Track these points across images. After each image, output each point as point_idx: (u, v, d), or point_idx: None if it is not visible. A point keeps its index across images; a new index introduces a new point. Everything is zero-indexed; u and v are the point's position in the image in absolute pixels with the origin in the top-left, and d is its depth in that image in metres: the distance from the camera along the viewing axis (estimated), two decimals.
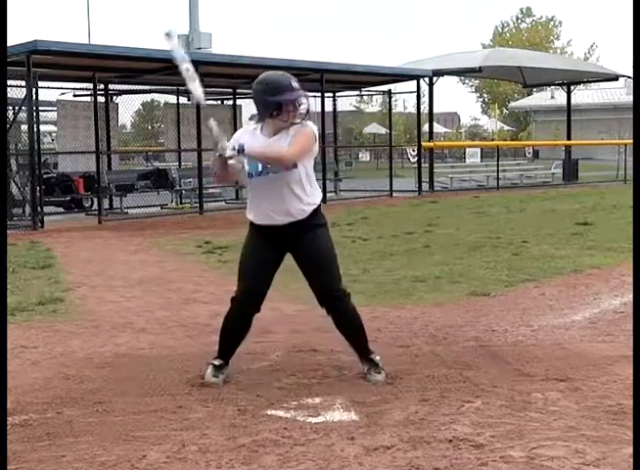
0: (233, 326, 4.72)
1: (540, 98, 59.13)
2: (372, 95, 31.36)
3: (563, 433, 3.75)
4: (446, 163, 38.79)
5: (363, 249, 10.64)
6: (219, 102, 22.65)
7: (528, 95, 61.63)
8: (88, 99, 18.46)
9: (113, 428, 3.93)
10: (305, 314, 6.42)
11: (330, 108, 22.16)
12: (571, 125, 29.62)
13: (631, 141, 24.03)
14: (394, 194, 21.66)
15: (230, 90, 21.32)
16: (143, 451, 3.61)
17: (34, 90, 14.33)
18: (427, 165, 23.68)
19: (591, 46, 72.03)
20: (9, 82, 13.83)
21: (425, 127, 27.83)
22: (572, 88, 30.06)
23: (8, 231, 11.46)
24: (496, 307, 6.79)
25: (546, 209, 16.81)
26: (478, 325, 6.11)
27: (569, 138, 29.84)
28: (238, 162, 4.39)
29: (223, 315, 4.80)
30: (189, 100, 20.86)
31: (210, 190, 19.21)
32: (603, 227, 12.59)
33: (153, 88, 20.24)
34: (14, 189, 15.27)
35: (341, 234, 12.13)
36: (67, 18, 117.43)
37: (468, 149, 35.61)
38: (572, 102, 30.39)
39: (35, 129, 14.59)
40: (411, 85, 23.44)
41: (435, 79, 24.06)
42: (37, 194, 14.50)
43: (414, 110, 28.20)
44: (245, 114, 20.78)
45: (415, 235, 12.12)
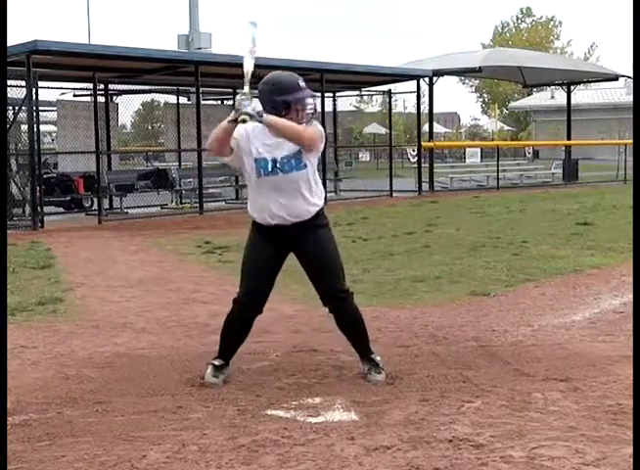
0: (234, 327, 4.71)
1: (540, 98, 59.12)
2: (372, 95, 31.35)
3: (563, 433, 3.75)
4: (446, 163, 38.78)
5: (363, 249, 10.64)
6: (219, 102, 22.65)
7: (528, 95, 61.62)
8: (88, 99, 18.45)
9: (113, 428, 3.93)
10: (305, 314, 6.43)
11: (330, 108, 22.14)
12: (570, 125, 29.61)
13: (631, 141, 24.03)
14: (394, 194, 21.66)
15: (230, 90, 21.31)
16: (143, 451, 3.61)
17: (34, 90, 14.33)
18: (427, 165, 23.68)
19: (591, 46, 72.17)
20: (9, 82, 13.83)
21: (425, 127, 27.83)
22: (572, 88, 30.06)
23: (8, 231, 11.46)
24: (496, 307, 6.79)
25: (546, 209, 16.79)
26: (478, 325, 6.11)
27: (569, 138, 29.83)
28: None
29: (223, 315, 4.80)
30: (189, 100, 20.90)
31: (210, 190, 19.20)
32: (603, 227, 12.58)
33: (153, 88, 20.23)
34: (14, 189, 15.27)
35: (341, 234, 12.11)
36: (67, 18, 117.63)
37: (468, 149, 35.60)
38: (572, 102, 30.39)
39: (35, 129, 14.60)
40: (411, 85, 23.49)
41: (435, 79, 24.06)
42: (37, 194, 14.50)
43: (414, 110, 28.21)
44: None
45: (415, 235, 12.12)
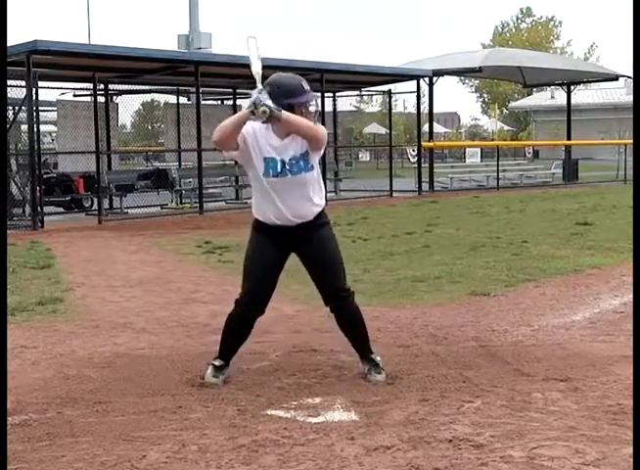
0: (235, 328, 4.70)
1: (540, 98, 59.12)
2: (372, 95, 31.36)
3: (563, 433, 3.75)
4: (446, 163, 38.78)
5: (363, 249, 10.64)
6: (219, 102, 22.65)
7: (528, 95, 61.61)
8: (88, 99, 18.45)
9: (113, 428, 3.92)
10: (305, 314, 6.43)
11: (330, 108, 22.15)
12: (570, 125, 29.61)
13: (631, 141, 24.03)
14: (394, 194, 21.66)
15: (230, 90, 21.32)
16: (143, 451, 3.61)
17: (34, 90, 14.33)
18: (427, 165, 23.68)
19: (591, 46, 72.26)
20: (9, 82, 13.83)
21: (425, 127, 27.83)
22: (572, 88, 30.05)
23: (8, 231, 11.46)
24: (496, 307, 6.79)
25: (546, 209, 16.79)
26: (478, 325, 6.11)
27: (569, 138, 29.83)
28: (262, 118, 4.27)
29: (223, 315, 4.80)
30: (189, 100, 20.90)
31: (210, 190, 19.20)
32: (603, 227, 12.58)
33: (153, 88, 20.23)
34: (14, 189, 15.26)
35: (341, 234, 12.07)
36: (67, 18, 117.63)
37: (468, 149, 35.63)
38: (572, 102, 30.39)
39: (35, 129, 14.60)
40: (411, 85, 23.49)
41: (435, 79, 24.06)
42: (37, 194, 14.50)
43: (414, 110, 28.23)
44: None
45: (415, 235, 12.12)
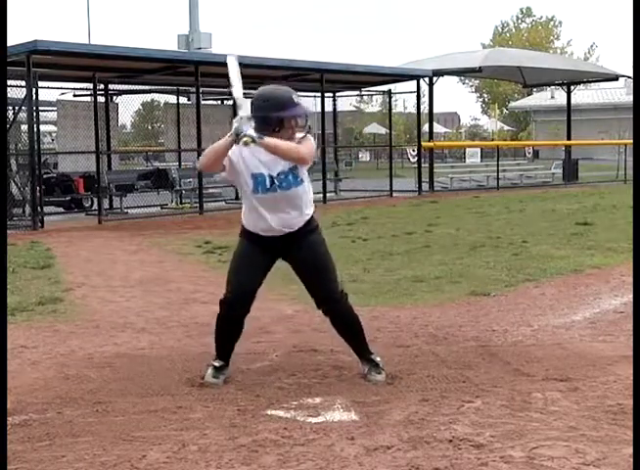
0: (225, 328, 4.69)
1: (540, 98, 59.09)
2: (372, 95, 31.37)
3: (563, 433, 3.75)
4: (446, 163, 38.76)
5: (363, 249, 10.64)
6: (219, 102, 22.64)
7: (528, 95, 61.59)
8: (88, 99, 18.45)
9: (113, 428, 3.92)
10: (305, 314, 6.42)
11: (330, 108, 22.16)
12: (570, 125, 29.61)
13: (631, 141, 24.03)
14: (394, 194, 21.66)
15: (230, 90, 21.28)
16: (143, 451, 3.61)
17: (34, 90, 14.33)
18: (427, 165, 23.68)
19: (591, 46, 72.28)
20: (9, 82, 13.83)
21: (425, 127, 27.83)
22: (572, 88, 30.05)
23: (8, 231, 11.45)
24: (496, 307, 6.78)
25: (546, 209, 16.79)
26: (478, 325, 6.11)
27: (569, 138, 29.82)
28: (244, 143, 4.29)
29: None
30: (189, 100, 20.89)
31: (210, 190, 19.19)
32: (603, 227, 12.58)
33: (153, 88, 20.23)
34: (14, 189, 15.27)
35: (341, 234, 12.14)
36: (67, 18, 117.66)
37: (468, 149, 35.59)
38: (572, 102, 30.38)
39: (35, 129, 14.60)
40: (411, 85, 23.49)
41: (435, 79, 24.06)
42: (37, 194, 14.51)
43: (414, 110, 28.24)
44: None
45: (415, 235, 12.12)
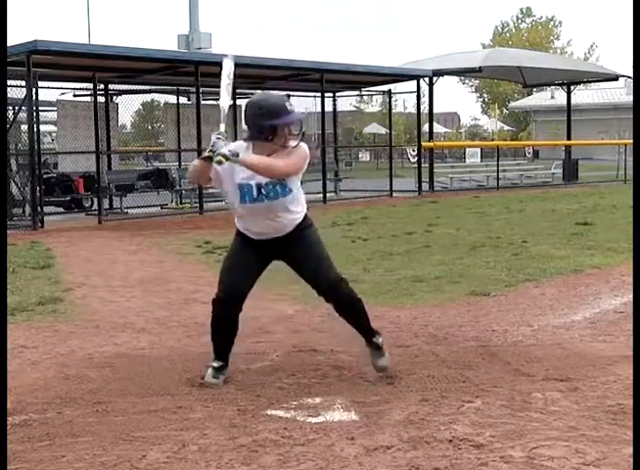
0: (219, 327, 4.70)
1: (540, 98, 59.10)
2: (372, 95, 31.35)
3: (563, 433, 3.75)
4: (446, 163, 38.75)
5: (363, 249, 10.64)
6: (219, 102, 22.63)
7: (528, 95, 61.60)
8: (88, 99, 18.45)
9: (113, 428, 3.92)
10: (305, 314, 6.43)
11: (330, 108, 22.16)
12: (570, 125, 29.61)
13: (631, 141, 24.03)
14: (394, 194, 21.66)
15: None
16: (143, 451, 3.61)
17: (34, 90, 14.33)
18: (427, 165, 23.68)
19: (591, 46, 72.22)
20: (9, 82, 13.83)
21: (425, 127, 27.83)
22: (572, 88, 30.05)
23: (8, 231, 11.45)
24: (496, 307, 6.78)
25: (546, 209, 16.79)
26: (478, 325, 6.11)
27: (569, 138, 29.82)
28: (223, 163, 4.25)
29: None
30: (189, 100, 20.89)
31: (210, 190, 19.17)
32: (603, 227, 12.57)
33: (153, 88, 20.23)
34: (14, 189, 15.27)
35: (341, 234, 12.14)
36: (67, 18, 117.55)
37: (468, 149, 35.59)
38: (572, 102, 30.38)
39: (35, 129, 14.60)
40: (411, 85, 23.49)
41: (435, 79, 24.07)
42: (37, 194, 14.51)
43: (414, 110, 28.20)
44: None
45: (415, 235, 12.12)
